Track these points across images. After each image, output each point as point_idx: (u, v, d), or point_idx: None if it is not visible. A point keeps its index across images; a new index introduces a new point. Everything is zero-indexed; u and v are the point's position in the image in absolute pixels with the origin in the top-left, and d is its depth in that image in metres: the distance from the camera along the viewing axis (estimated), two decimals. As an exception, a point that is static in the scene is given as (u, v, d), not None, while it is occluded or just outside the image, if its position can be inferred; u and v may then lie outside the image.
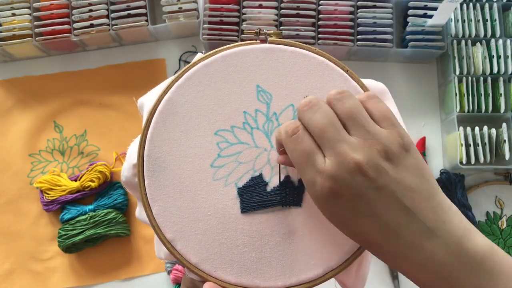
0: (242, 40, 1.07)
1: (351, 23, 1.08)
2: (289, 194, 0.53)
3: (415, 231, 0.42)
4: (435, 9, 1.03)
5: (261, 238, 0.53)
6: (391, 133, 0.44)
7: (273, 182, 0.54)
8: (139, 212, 0.62)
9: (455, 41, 1.08)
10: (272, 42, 0.57)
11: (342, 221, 0.45)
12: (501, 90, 1.06)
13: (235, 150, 0.54)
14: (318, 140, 0.44)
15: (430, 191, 0.44)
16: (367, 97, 0.46)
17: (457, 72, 1.07)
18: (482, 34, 1.09)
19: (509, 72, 1.07)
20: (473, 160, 1.04)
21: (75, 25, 1.08)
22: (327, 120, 0.44)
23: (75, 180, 1.08)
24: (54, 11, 1.09)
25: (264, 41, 0.57)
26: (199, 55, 0.58)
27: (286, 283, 0.53)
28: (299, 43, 0.56)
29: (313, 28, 1.08)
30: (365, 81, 0.57)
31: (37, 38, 1.08)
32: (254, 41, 0.57)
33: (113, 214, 1.04)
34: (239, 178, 0.54)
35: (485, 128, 1.05)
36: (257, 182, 0.54)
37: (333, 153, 0.43)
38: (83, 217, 1.04)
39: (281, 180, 0.54)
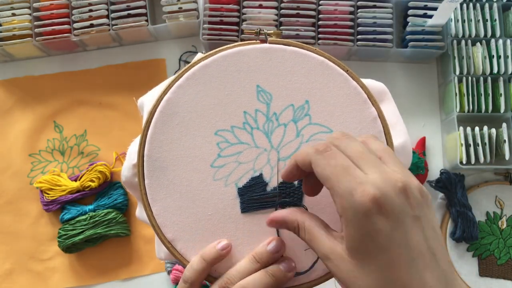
0: (242, 40, 1.07)
1: (351, 23, 1.08)
2: (289, 194, 0.53)
3: (437, 277, 0.40)
4: (435, 9, 1.03)
5: (261, 238, 0.53)
6: None
7: (273, 182, 0.54)
8: (139, 212, 0.62)
9: (455, 41, 1.08)
10: (272, 42, 0.57)
11: (373, 248, 0.40)
12: (501, 90, 1.06)
13: (235, 150, 0.54)
14: (356, 161, 0.43)
15: (442, 239, 0.43)
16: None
17: (457, 72, 1.07)
18: (482, 34, 1.09)
19: (509, 72, 1.07)
20: (473, 160, 1.04)
21: (75, 25, 1.08)
22: (364, 148, 0.44)
23: (75, 180, 1.08)
24: (54, 11, 1.09)
25: (264, 41, 0.57)
26: (199, 55, 0.58)
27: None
28: (299, 43, 0.56)
29: (313, 28, 1.08)
30: (365, 81, 0.57)
31: (37, 38, 1.08)
32: (254, 41, 0.57)
33: (113, 214, 1.04)
34: (239, 178, 0.54)
35: (485, 128, 1.05)
36: (257, 182, 0.54)
37: (377, 170, 0.42)
38: (83, 217, 1.04)
39: (281, 180, 0.54)
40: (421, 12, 1.07)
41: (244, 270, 0.50)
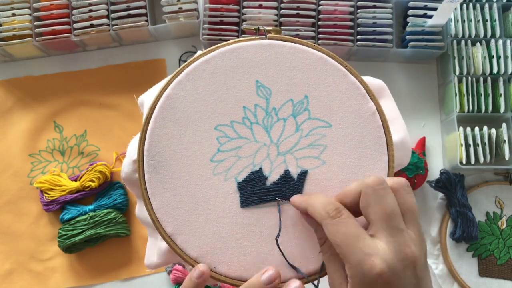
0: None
1: (351, 23, 1.08)
2: (289, 188, 0.53)
3: None
4: (435, 9, 1.03)
5: (261, 232, 0.53)
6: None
7: (272, 176, 0.54)
8: (139, 209, 0.62)
9: (455, 41, 1.08)
10: (271, 38, 0.57)
11: None
12: (501, 90, 1.06)
13: (234, 144, 0.54)
14: (377, 222, 0.44)
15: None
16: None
17: (457, 72, 1.07)
18: (482, 34, 1.09)
19: (509, 72, 1.07)
20: (473, 160, 1.04)
21: (75, 25, 1.08)
22: (395, 207, 0.44)
23: (75, 180, 1.08)
24: (54, 11, 1.09)
25: (263, 37, 0.57)
26: (199, 52, 0.58)
27: (286, 277, 0.53)
28: (298, 39, 0.56)
29: (313, 28, 1.08)
30: (365, 78, 0.58)
31: (37, 38, 1.08)
32: (254, 37, 0.57)
33: (113, 214, 1.04)
34: (239, 172, 0.54)
35: (485, 128, 1.05)
36: (257, 176, 0.54)
37: (392, 240, 0.43)
38: (83, 217, 1.04)
39: (281, 174, 0.54)
40: (421, 12, 1.08)
41: None
